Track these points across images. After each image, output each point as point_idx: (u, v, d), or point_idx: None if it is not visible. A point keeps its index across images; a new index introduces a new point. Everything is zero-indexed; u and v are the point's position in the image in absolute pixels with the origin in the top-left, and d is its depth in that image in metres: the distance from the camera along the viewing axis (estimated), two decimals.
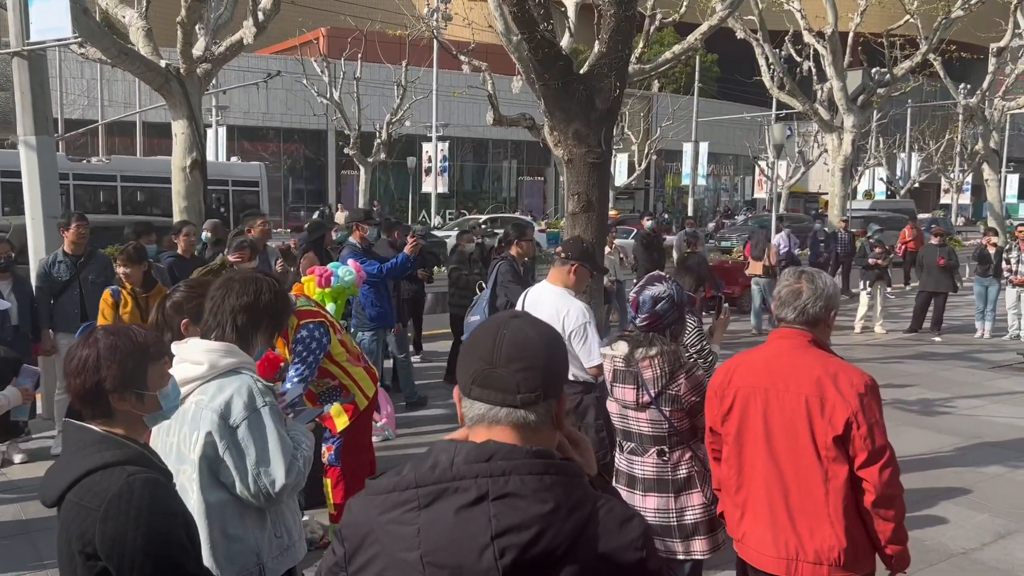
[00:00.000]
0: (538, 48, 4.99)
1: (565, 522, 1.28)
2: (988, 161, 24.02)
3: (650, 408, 3.24)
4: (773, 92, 19.91)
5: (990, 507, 5.59)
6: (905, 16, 18.41)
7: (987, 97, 22.95)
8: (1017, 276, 12.20)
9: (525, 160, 47.48)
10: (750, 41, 18.70)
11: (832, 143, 18.66)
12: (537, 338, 1.39)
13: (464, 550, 1.27)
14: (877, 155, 40.08)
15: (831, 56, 17.14)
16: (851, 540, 2.58)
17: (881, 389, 2.72)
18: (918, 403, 8.39)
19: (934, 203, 50.13)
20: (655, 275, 3.41)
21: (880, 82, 17.79)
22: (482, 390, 1.38)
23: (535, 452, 1.34)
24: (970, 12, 16.74)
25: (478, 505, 1.28)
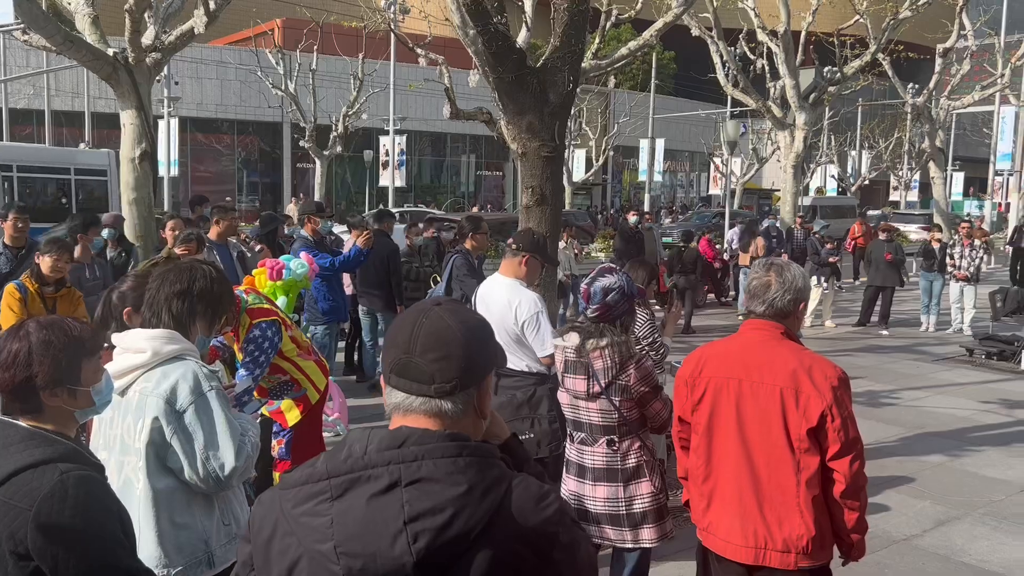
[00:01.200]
0: (492, 41, 4.99)
1: (480, 503, 1.28)
2: (934, 159, 24.64)
3: (600, 398, 3.27)
4: (727, 90, 20.14)
5: (931, 495, 5.75)
6: (855, 16, 18.77)
7: (933, 97, 23.52)
8: (960, 271, 12.56)
9: (483, 155, 47.40)
10: (705, 39, 18.88)
11: (785, 140, 18.95)
12: (456, 328, 1.38)
13: (377, 538, 1.26)
14: (829, 152, 40.81)
15: (784, 54, 17.40)
16: (818, 529, 2.64)
17: None
18: (865, 395, 8.59)
19: (883, 200, 51.23)
20: (606, 267, 3.44)
21: (831, 80, 18.10)
22: (399, 379, 1.39)
23: (449, 436, 1.34)
24: (917, 13, 17.14)
25: (391, 492, 1.28)
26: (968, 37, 22.15)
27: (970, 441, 7.06)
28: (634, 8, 14.30)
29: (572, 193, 31.78)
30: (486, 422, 1.48)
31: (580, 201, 39.20)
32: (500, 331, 4.30)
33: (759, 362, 2.71)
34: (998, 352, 10.49)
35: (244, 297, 4.08)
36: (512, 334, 4.26)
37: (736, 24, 20.80)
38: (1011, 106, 25.83)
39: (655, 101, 39.01)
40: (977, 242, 12.82)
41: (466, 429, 1.40)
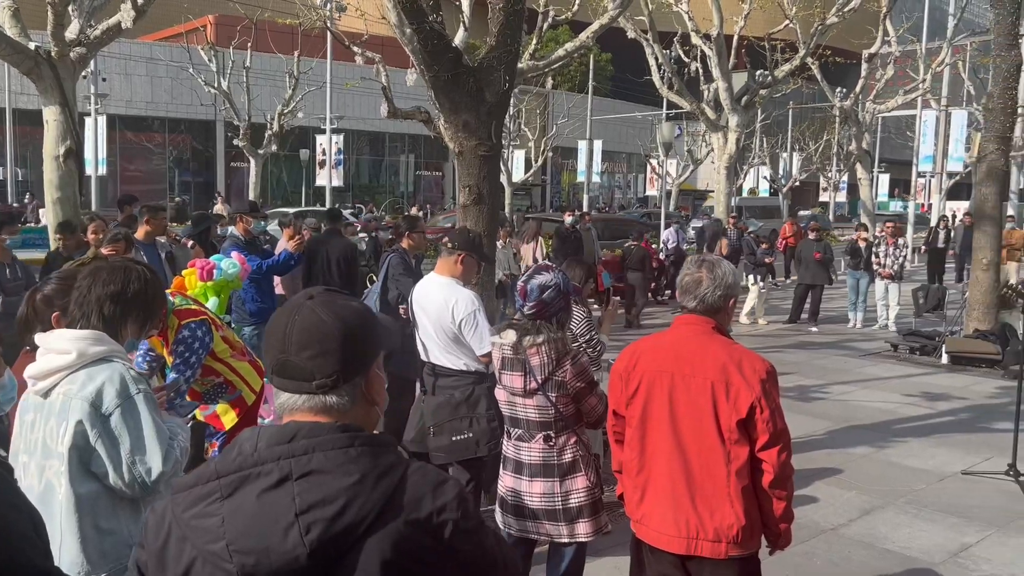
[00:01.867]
0: (427, 39, 4.98)
1: (373, 490, 1.28)
2: (861, 161, 25.43)
3: (537, 394, 3.30)
4: (663, 92, 20.45)
5: (857, 485, 5.95)
6: (785, 21, 19.28)
7: (860, 100, 24.28)
8: (885, 269, 13.01)
9: (423, 154, 47.19)
10: (641, 41, 19.14)
11: (718, 142, 19.33)
12: (330, 321, 1.36)
13: (269, 532, 1.26)
14: (761, 154, 41.82)
15: (717, 58, 17.75)
16: (748, 518, 2.70)
17: None
18: (795, 389, 8.83)
19: (813, 201, 52.69)
20: (542, 264, 3.47)
21: (762, 84, 18.54)
22: (280, 379, 1.38)
23: (340, 427, 1.34)
24: (844, 19, 17.66)
25: (281, 486, 1.27)
26: (892, 43, 22.93)
27: (894, 433, 7.32)
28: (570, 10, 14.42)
29: (512, 193, 31.85)
30: (379, 408, 1.47)
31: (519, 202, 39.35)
32: (437, 330, 4.29)
33: (691, 356, 2.77)
34: (920, 347, 10.90)
35: (170, 299, 3.99)
36: (449, 333, 4.26)
37: (671, 27, 21.15)
38: (932, 110, 26.84)
39: (593, 103, 39.37)
40: (901, 241, 13.30)
41: (358, 419, 1.40)
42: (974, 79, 28.39)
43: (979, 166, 11.13)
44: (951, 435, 7.25)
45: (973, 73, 28.53)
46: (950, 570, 4.62)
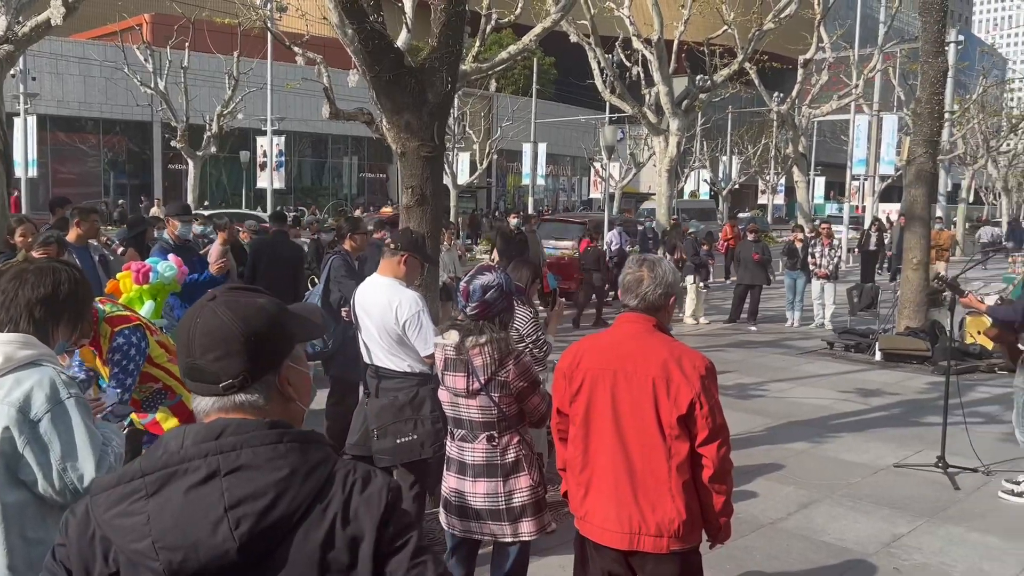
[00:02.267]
0: (368, 39, 4.95)
1: (303, 485, 1.29)
2: (797, 164, 26.07)
3: (480, 395, 3.30)
4: (605, 96, 20.66)
5: (795, 480, 6.09)
6: (723, 27, 19.66)
7: (796, 105, 24.87)
8: (821, 269, 13.36)
9: (366, 156, 46.81)
10: (583, 45, 19.31)
11: (659, 145, 19.59)
12: (231, 321, 1.35)
13: (197, 527, 1.25)
14: (701, 158, 42.57)
15: (657, 62, 17.99)
16: (689, 513, 2.74)
17: None
18: (735, 387, 9.00)
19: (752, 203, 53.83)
20: (484, 265, 3.47)
21: (702, 88, 18.86)
22: (191, 383, 1.38)
23: (268, 423, 1.33)
24: (780, 25, 18.09)
25: (209, 482, 1.27)
26: (826, 49, 23.56)
27: (831, 428, 7.52)
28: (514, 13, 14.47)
29: (457, 196, 31.82)
30: (300, 403, 1.46)
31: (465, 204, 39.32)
32: (381, 332, 4.26)
33: (633, 353, 2.80)
34: (855, 344, 11.21)
35: (100, 307, 3.87)
36: (393, 334, 4.23)
37: (613, 32, 21.37)
38: (865, 115, 27.67)
39: (537, 106, 39.59)
40: (835, 241, 13.68)
41: (278, 415, 1.39)
42: (904, 85, 29.36)
43: (909, 169, 11.51)
44: (884, 429, 7.47)
45: (903, 79, 29.50)
46: (883, 560, 4.76)
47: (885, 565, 4.69)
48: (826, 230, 13.79)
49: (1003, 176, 38.80)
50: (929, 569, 4.66)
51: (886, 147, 26.45)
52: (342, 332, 5.81)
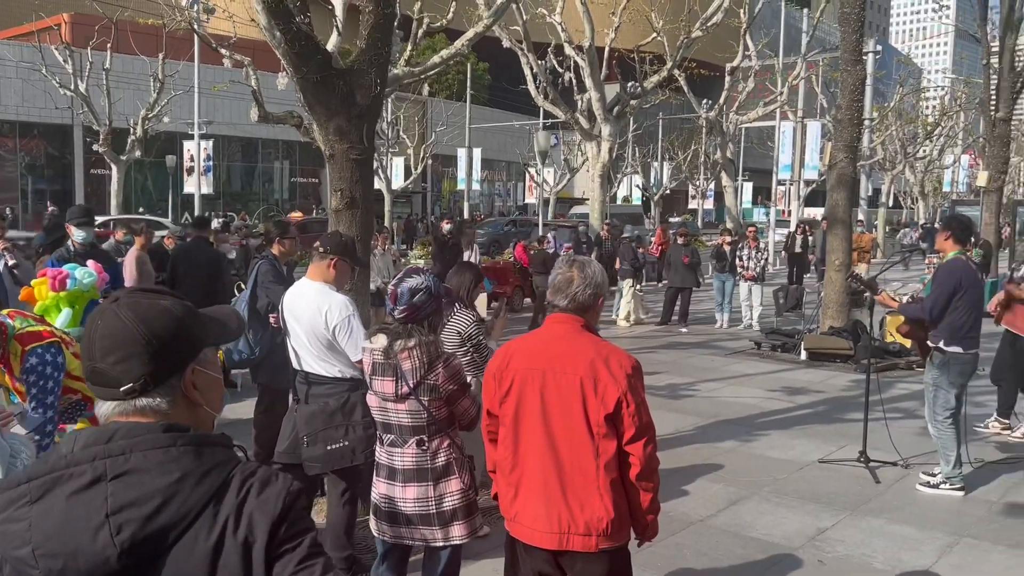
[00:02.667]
0: (295, 41, 4.87)
1: (194, 490, 1.26)
2: (726, 170, 26.67)
3: (409, 399, 3.27)
4: (538, 101, 20.79)
5: (724, 478, 6.21)
6: (653, 34, 20.01)
7: (724, 112, 25.45)
8: (748, 272, 13.69)
9: (298, 160, 46.07)
10: (516, 50, 19.40)
11: (592, 151, 19.80)
12: (132, 323, 1.32)
13: (78, 534, 1.22)
14: (634, 163, 43.19)
15: (589, 68, 18.19)
16: (617, 511, 2.76)
17: None
18: (666, 388, 9.14)
19: (683, 208, 54.83)
20: (412, 268, 3.45)
21: (633, 94, 19.14)
22: (93, 387, 1.35)
23: (162, 427, 1.31)
24: (707, 33, 18.48)
25: (94, 487, 1.24)
26: (752, 57, 24.18)
27: (758, 426, 7.69)
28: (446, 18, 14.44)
29: (391, 201, 31.59)
30: (208, 408, 1.43)
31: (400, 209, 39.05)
32: (310, 337, 4.19)
33: (561, 353, 2.82)
34: (781, 344, 11.50)
35: (9, 323, 3.71)
36: (323, 339, 4.17)
37: (545, 38, 21.52)
38: (789, 121, 28.47)
39: (471, 111, 39.58)
40: (762, 244, 14.04)
41: (183, 420, 1.36)
42: (826, 92, 30.31)
43: (830, 173, 11.88)
44: (809, 426, 7.68)
45: (825, 87, 30.45)
46: (808, 553, 4.89)
47: (810, 558, 4.82)
48: (752, 233, 14.14)
49: (920, 181, 40.41)
50: (851, 561, 4.80)
51: (810, 153, 27.24)
52: (270, 338, 5.69)
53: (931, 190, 44.39)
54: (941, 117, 36.09)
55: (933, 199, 45.96)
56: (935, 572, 4.67)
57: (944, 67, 57.63)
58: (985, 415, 7.78)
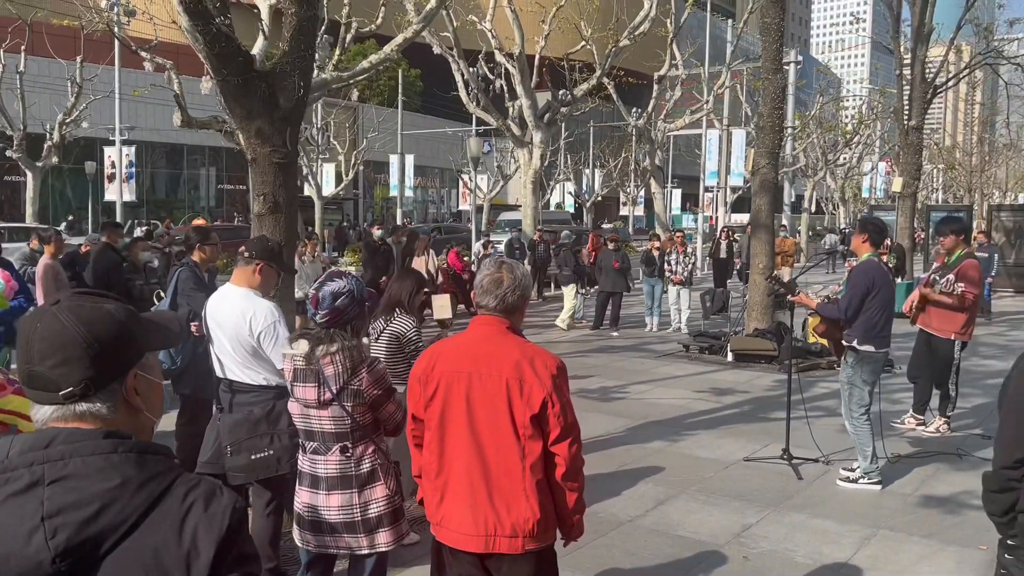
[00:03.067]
0: (214, 42, 4.77)
1: (134, 496, 1.24)
2: (655, 177, 27.16)
3: (332, 405, 3.22)
4: (470, 108, 20.84)
5: (653, 478, 6.29)
6: (581, 42, 20.25)
7: (652, 120, 25.93)
8: (676, 276, 13.95)
9: (225, 167, 45.11)
10: (447, 57, 19.41)
11: (524, 158, 19.93)
12: (72, 326, 1.30)
13: (10, 538, 1.20)
14: (566, 170, 43.61)
15: (520, 76, 18.32)
16: (543, 512, 2.76)
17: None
18: (598, 391, 9.23)
19: (615, 214, 55.57)
20: (335, 271, 3.40)
21: (563, 102, 19.34)
22: (30, 391, 1.33)
23: (103, 433, 1.29)
24: (635, 42, 18.82)
25: (30, 491, 1.22)
26: (679, 66, 24.72)
27: (686, 427, 7.83)
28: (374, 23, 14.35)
29: (322, 207, 31.17)
30: (149, 414, 1.42)
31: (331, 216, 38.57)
32: (235, 344, 4.10)
33: (487, 355, 2.82)
34: (709, 346, 11.74)
35: None
36: (248, 346, 4.08)
37: (476, 45, 21.59)
38: (715, 129, 29.17)
39: (404, 117, 39.39)
40: (690, 249, 14.33)
41: (123, 427, 1.34)
42: (750, 101, 31.15)
43: (754, 180, 12.20)
44: (735, 426, 7.85)
45: (749, 96, 31.29)
46: (733, 550, 4.99)
47: (735, 554, 4.92)
48: (680, 239, 14.42)
49: (840, 187, 41.85)
50: (775, 555, 4.92)
51: (735, 160, 27.96)
52: (192, 348, 5.55)
53: (851, 196, 46.05)
54: (859, 126, 37.45)
55: (853, 205, 47.67)
56: (854, 564, 4.82)
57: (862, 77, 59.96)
58: (901, 411, 8.08)
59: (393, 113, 39.97)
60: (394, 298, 4.91)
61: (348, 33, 13.62)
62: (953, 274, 7.36)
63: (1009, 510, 2.57)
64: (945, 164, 51.08)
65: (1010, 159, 52.55)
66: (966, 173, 49.04)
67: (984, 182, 50.68)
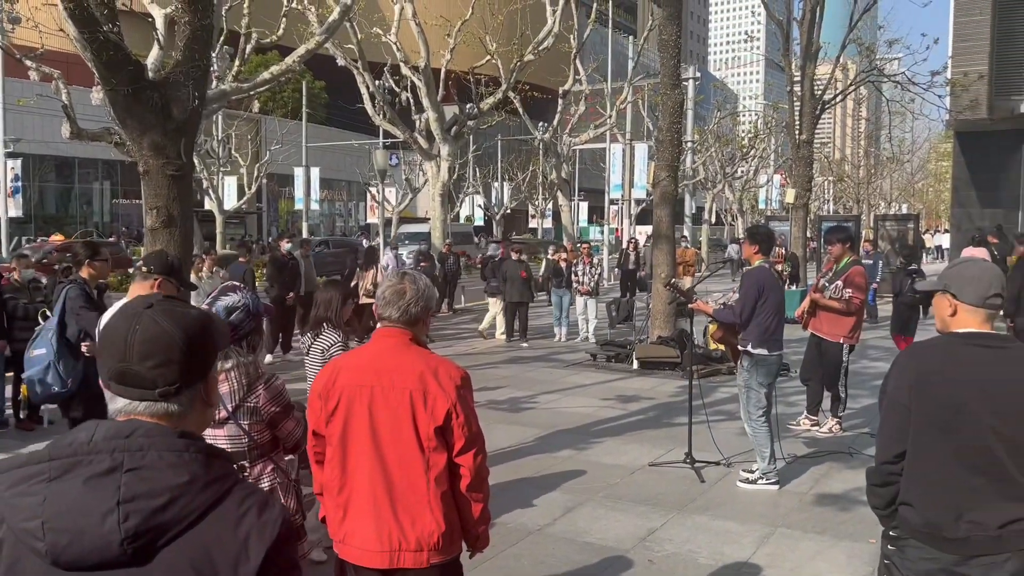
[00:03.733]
0: (102, 51, 4.59)
1: (200, 494, 1.33)
2: (561, 190, 27.55)
3: (228, 423, 3.13)
4: (376, 120, 20.70)
5: (561, 486, 6.35)
6: (487, 57, 20.41)
7: (558, 134, 26.33)
8: (583, 287, 14.17)
9: (120, 181, 43.30)
10: (351, 69, 19.24)
11: (432, 170, 19.91)
12: (171, 330, 1.41)
13: (87, 515, 1.29)
14: (475, 183, 43.78)
15: (426, 89, 18.32)
16: (448, 524, 2.74)
17: (476, 392, 2.96)
18: (508, 401, 9.27)
19: (524, 226, 56.06)
20: (228, 285, 3.31)
21: (470, 115, 19.43)
22: (119, 386, 1.42)
23: (179, 432, 1.39)
24: (539, 57, 19.10)
25: (110, 475, 1.31)
26: (583, 82, 25.19)
27: (594, 434, 7.94)
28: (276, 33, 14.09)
29: (224, 221, 30.31)
30: (215, 408, 1.55)
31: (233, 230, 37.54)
32: None
33: (390, 367, 2.78)
34: (615, 355, 11.96)
35: None
36: None
37: (381, 57, 21.48)
38: (619, 143, 29.83)
39: (308, 129, 38.76)
40: (596, 260, 14.59)
41: (194, 422, 1.46)
42: (652, 116, 32.01)
43: (655, 192, 12.52)
44: (640, 432, 8.01)
45: (651, 110, 32.16)
46: (639, 554, 5.08)
47: (640, 558, 5.01)
48: (586, 250, 14.66)
49: (738, 199, 43.39)
50: (679, 558, 5.03)
51: (639, 173, 28.64)
52: (82, 370, 5.31)
53: (749, 207, 47.76)
54: (754, 140, 38.96)
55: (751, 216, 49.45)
56: (753, 563, 4.98)
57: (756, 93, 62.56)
58: (797, 414, 8.41)
59: (297, 125, 39.29)
60: (320, 315, 4.78)
61: (248, 44, 13.34)
62: (841, 280, 7.74)
63: (891, 503, 2.71)
64: (834, 176, 53.69)
65: (893, 171, 55.61)
66: (854, 185, 51.65)
67: (871, 193, 53.47)
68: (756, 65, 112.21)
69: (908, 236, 22.35)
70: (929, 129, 54.40)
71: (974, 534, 2.51)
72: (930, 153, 59.37)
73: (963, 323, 2.65)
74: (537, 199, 45.59)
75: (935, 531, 2.56)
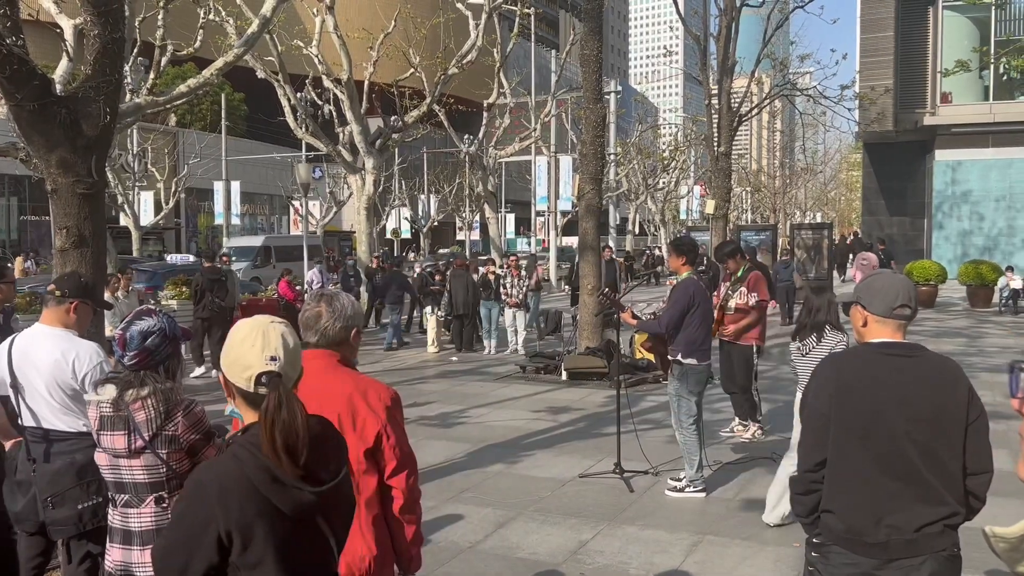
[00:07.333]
0: (5, 64, 4.39)
1: None
2: (488, 202, 27.60)
3: (145, 453, 3.00)
4: (298, 133, 20.38)
5: (492, 501, 6.32)
6: (411, 69, 20.33)
7: (483, 147, 26.39)
8: (512, 299, 14.21)
9: (28, 197, 41.46)
10: (272, 81, 18.91)
11: (357, 184, 19.69)
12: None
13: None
14: (401, 196, 43.51)
15: (349, 101, 18.12)
16: (380, 548, 2.68)
17: (407, 408, 2.91)
18: (438, 417, 9.20)
19: (452, 239, 55.97)
20: (143, 309, 3.18)
21: (394, 128, 19.31)
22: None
23: None
24: (463, 71, 19.11)
25: None
26: (507, 95, 25.33)
27: (524, 447, 7.94)
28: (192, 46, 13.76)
29: (140, 238, 29.34)
30: None
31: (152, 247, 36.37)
32: (52, 389, 3.80)
33: (317, 391, 2.72)
34: (544, 367, 12.00)
35: None
36: (68, 390, 3.79)
37: (302, 70, 21.18)
38: (544, 156, 30.10)
39: (228, 143, 37.91)
40: (524, 272, 14.65)
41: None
42: (575, 129, 32.43)
43: (580, 204, 12.66)
44: (570, 443, 8.05)
45: (574, 123, 32.57)
46: (571, 567, 5.08)
47: (572, 571, 5.02)
48: (514, 262, 14.71)
49: (661, 210, 44.25)
50: (610, 569, 5.06)
51: (564, 185, 28.96)
52: None
53: (671, 218, 48.76)
54: (675, 152, 39.84)
55: (673, 226, 50.48)
56: (683, 570, 5.04)
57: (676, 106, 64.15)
58: (723, 420, 8.57)
59: (216, 138, 38.39)
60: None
61: (164, 56, 12.99)
62: (745, 286, 8.04)
63: (813, 510, 2.77)
64: (752, 187, 55.30)
65: (807, 181, 57.61)
66: (771, 195, 53.28)
67: (787, 203, 55.24)
68: (675, 79, 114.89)
69: (822, 244, 23.24)
70: (840, 140, 56.72)
71: (892, 538, 2.59)
72: (841, 163, 61.76)
73: (875, 333, 2.75)
74: (464, 211, 45.60)
75: (856, 536, 2.63)
